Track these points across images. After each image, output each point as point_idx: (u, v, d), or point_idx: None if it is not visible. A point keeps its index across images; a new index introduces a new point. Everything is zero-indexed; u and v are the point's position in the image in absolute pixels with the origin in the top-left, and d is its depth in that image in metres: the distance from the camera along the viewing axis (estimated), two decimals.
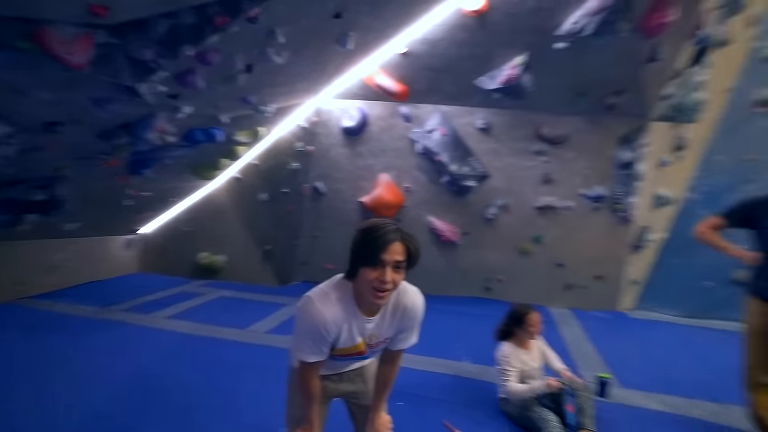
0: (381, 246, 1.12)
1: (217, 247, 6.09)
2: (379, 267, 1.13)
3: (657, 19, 3.00)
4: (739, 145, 4.36)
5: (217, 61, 2.69)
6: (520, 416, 2.37)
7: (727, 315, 4.29)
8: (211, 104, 3.61)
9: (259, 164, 5.69)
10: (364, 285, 1.17)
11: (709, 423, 2.54)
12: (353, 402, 1.59)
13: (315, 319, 1.21)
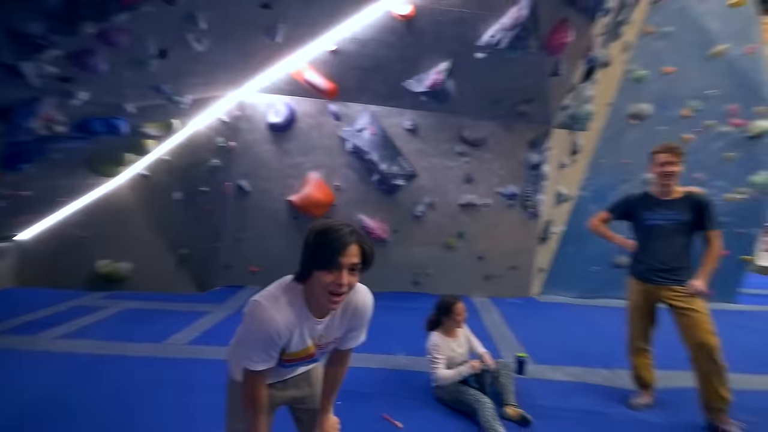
0: (338, 249, 1.09)
1: (121, 253, 5.39)
2: (336, 270, 1.10)
3: (558, 39, 3.43)
4: (618, 151, 5.19)
5: (125, 42, 2.37)
6: (455, 401, 2.53)
7: (612, 294, 5.09)
8: (114, 91, 3.18)
9: (172, 160, 5.16)
10: (319, 289, 1.13)
11: (603, 386, 2.98)
12: (299, 407, 1.54)
13: (266, 324, 1.15)
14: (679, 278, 2.53)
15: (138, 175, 5.28)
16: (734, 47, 4.89)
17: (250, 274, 5.44)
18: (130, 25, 2.24)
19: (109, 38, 2.25)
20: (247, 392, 1.25)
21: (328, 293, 1.12)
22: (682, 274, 2.54)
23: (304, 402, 1.51)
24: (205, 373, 3.07)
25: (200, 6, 2.39)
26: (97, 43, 2.29)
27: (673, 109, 5.04)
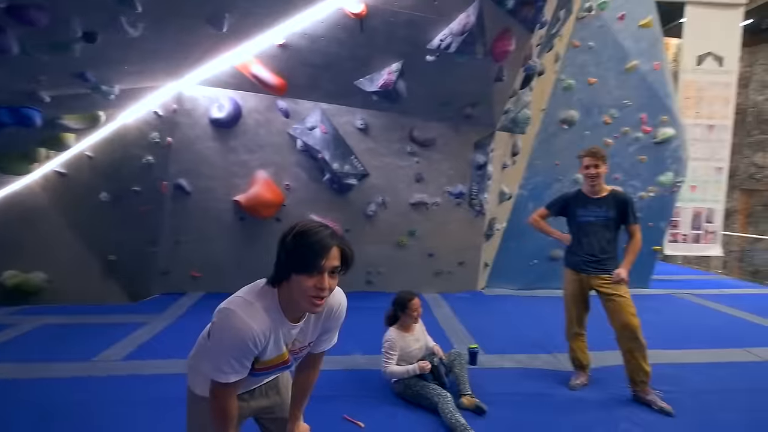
0: (320, 252, 1.05)
1: (32, 262, 4.75)
2: (317, 274, 1.06)
3: (502, 47, 3.65)
4: (551, 153, 5.66)
5: (43, 21, 2.08)
6: (415, 396, 2.59)
7: (549, 285, 5.54)
8: (27, 76, 2.78)
9: (96, 157, 4.64)
10: (299, 293, 1.09)
11: (546, 370, 3.23)
12: (267, 417, 1.48)
13: (242, 332, 1.08)
14: (606, 268, 2.84)
15: (53, 173, 4.68)
16: (644, 63, 5.56)
17: (191, 280, 5.08)
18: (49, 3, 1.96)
19: (23, 15, 1.96)
20: (218, 405, 1.17)
21: (310, 297, 1.08)
22: (610, 264, 2.85)
23: (273, 411, 1.46)
24: (147, 389, 2.83)
25: None
26: (8, 20, 1.98)
27: (596, 116, 5.60)
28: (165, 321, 4.26)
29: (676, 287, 5.93)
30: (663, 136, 5.52)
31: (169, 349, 3.53)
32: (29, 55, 2.37)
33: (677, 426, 2.44)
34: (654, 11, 5.63)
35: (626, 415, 2.56)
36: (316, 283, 1.06)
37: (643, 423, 2.47)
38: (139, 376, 3.05)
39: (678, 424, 2.46)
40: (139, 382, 2.95)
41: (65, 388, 2.85)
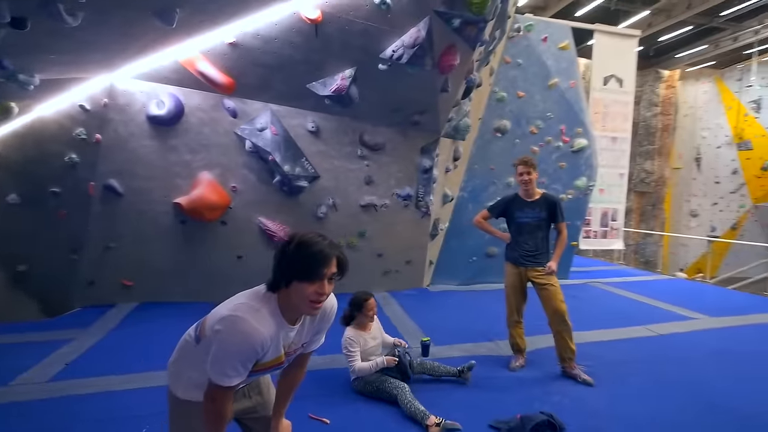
0: (322, 261, 1.15)
1: None
2: (318, 281, 1.15)
3: (448, 61, 3.94)
4: (487, 158, 6.17)
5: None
6: (376, 390, 2.73)
7: (487, 279, 6.04)
8: None
9: (1, 153, 4.06)
10: (300, 298, 1.17)
11: (489, 356, 3.57)
12: (250, 417, 1.50)
13: (251, 338, 1.13)
14: (540, 261, 3.26)
15: None
16: (563, 81, 6.32)
17: (122, 290, 4.66)
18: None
19: None
20: (215, 408, 1.20)
21: (310, 302, 1.16)
22: (543, 259, 3.27)
23: (255, 411, 1.49)
24: (82, 411, 2.61)
25: None
26: None
27: (524, 126, 6.23)
28: (94, 336, 3.87)
29: (590, 277, 6.83)
30: (578, 146, 6.33)
31: (105, 366, 3.24)
32: None
33: (597, 393, 2.89)
34: (570, 37, 6.42)
35: (558, 389, 2.95)
36: (317, 289, 1.15)
37: (571, 394, 2.87)
38: (69, 397, 2.78)
39: (598, 391, 2.91)
40: (70, 404, 2.69)
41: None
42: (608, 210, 7.49)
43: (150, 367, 3.16)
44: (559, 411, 2.51)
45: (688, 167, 15.25)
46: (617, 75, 7.45)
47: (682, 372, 3.23)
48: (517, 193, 3.38)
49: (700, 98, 15.14)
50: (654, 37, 13.10)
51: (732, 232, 13.89)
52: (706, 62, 15.24)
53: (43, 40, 2.54)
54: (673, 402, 2.76)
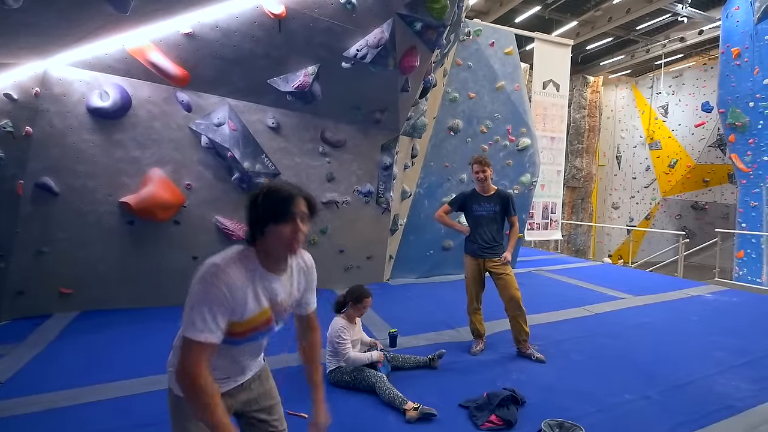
0: (290, 200, 1.20)
1: None
2: (291, 221, 1.19)
3: (409, 62, 4.09)
4: (442, 156, 6.45)
5: None
6: (353, 380, 2.81)
7: (444, 272, 6.34)
8: None
9: None
10: (277, 241, 1.19)
11: (452, 343, 3.80)
12: (251, 412, 1.45)
13: (218, 279, 1.11)
14: (497, 252, 3.53)
15: None
16: (508, 84, 6.77)
17: (59, 298, 4.24)
18: None
19: None
20: (188, 370, 1.07)
21: (287, 243, 1.20)
22: (499, 250, 3.55)
23: (258, 402, 1.44)
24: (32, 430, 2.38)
25: None
26: None
27: (475, 126, 6.59)
28: (31, 350, 3.50)
29: (533, 266, 7.45)
30: (523, 145, 6.84)
31: (49, 382, 2.97)
32: None
33: (549, 369, 3.23)
34: (514, 43, 6.89)
35: (515, 367, 3.26)
36: (292, 228, 1.18)
37: (527, 371, 3.18)
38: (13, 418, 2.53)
39: (549, 367, 3.26)
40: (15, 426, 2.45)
41: None
42: (548, 203, 8.20)
43: (99, 379, 2.97)
44: (519, 387, 2.78)
45: (610, 164, 17.09)
46: (554, 80, 8.13)
47: (615, 345, 3.71)
48: (474, 188, 3.62)
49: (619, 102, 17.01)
50: (582, 45, 14.42)
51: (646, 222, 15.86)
52: (624, 70, 17.12)
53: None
54: (610, 370, 3.18)
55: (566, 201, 15.29)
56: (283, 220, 1.17)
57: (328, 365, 2.92)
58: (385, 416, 2.55)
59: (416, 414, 2.46)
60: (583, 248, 15.36)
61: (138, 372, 3.03)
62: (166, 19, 3.15)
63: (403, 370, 3.14)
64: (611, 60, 16.38)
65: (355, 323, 3.02)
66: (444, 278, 6.26)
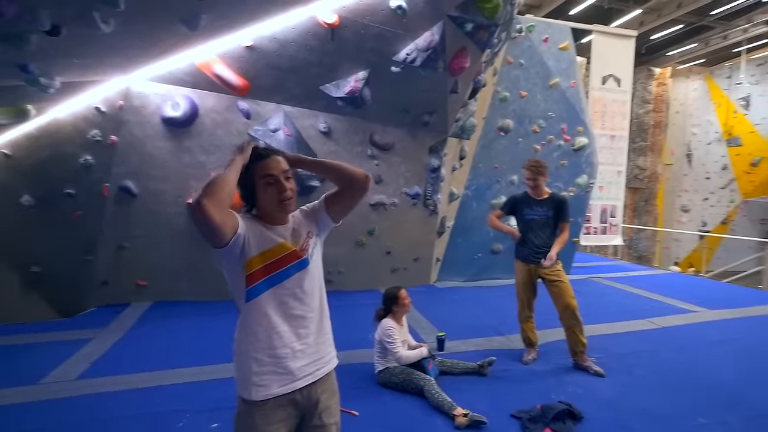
0: (262, 163, 1.25)
1: None
2: (274, 182, 1.24)
3: (459, 63, 4.05)
4: (491, 157, 6.29)
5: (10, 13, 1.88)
6: (402, 383, 2.84)
7: (492, 276, 6.18)
8: None
9: (14, 155, 4.08)
10: (269, 202, 1.26)
11: (501, 350, 3.69)
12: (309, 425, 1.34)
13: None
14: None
15: None
16: (563, 81, 6.45)
17: (136, 289, 4.71)
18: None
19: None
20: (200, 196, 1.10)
21: (278, 202, 1.26)
22: None
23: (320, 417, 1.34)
24: (111, 408, 2.69)
25: None
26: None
27: (527, 125, 6.35)
28: (114, 335, 3.93)
29: (590, 273, 7.02)
30: (579, 144, 6.48)
31: (128, 364, 3.32)
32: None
33: (609, 383, 3.04)
34: (570, 37, 6.55)
35: (571, 380, 3.10)
36: (277, 188, 1.25)
37: (584, 384, 3.02)
38: (99, 394, 2.85)
39: (609, 381, 3.06)
40: (100, 401, 2.77)
41: (13, 416, 2.57)
42: (607, 206, 7.69)
43: (171, 364, 3.25)
44: (575, 401, 2.65)
45: (679, 163, 15.62)
46: (615, 74, 7.62)
47: (685, 362, 3.40)
48: (526, 191, 3.50)
49: (690, 95, 15.49)
50: (646, 35, 13.34)
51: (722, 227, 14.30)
52: (696, 60, 15.58)
53: (69, 45, 2.58)
54: (679, 390, 2.92)
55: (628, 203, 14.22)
56: (265, 182, 1.24)
57: (377, 366, 2.97)
58: (433, 420, 2.55)
59: (466, 421, 2.43)
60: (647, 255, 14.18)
61: (203, 360, 3.28)
62: (230, 33, 3.39)
63: (451, 375, 3.11)
64: (681, 49, 14.98)
65: (402, 325, 3.05)
66: (492, 282, 6.10)
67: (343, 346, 3.63)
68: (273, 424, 1.23)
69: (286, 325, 1.26)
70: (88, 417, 2.56)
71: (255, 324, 1.25)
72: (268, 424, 1.22)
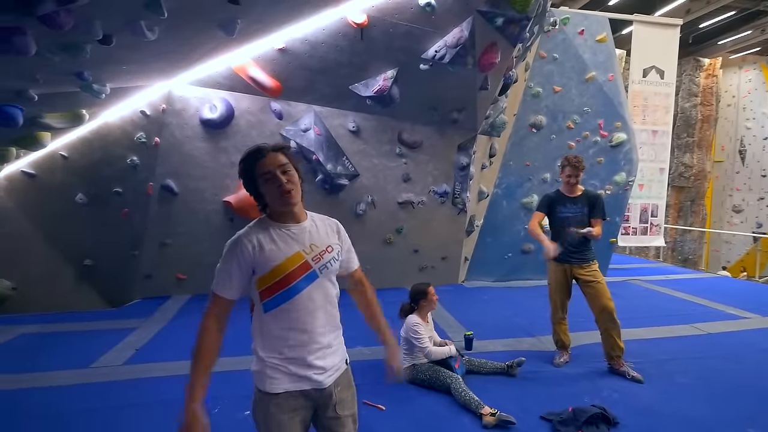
0: (260, 162, 1.26)
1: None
2: (271, 177, 1.25)
3: (489, 59, 3.98)
4: (522, 155, 6.14)
5: (69, 24, 2.05)
6: (429, 380, 2.84)
7: (522, 276, 6.04)
8: (26, 75, 2.65)
9: (70, 157, 4.42)
10: (272, 198, 1.28)
11: (532, 351, 3.60)
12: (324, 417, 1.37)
13: (234, 246, 1.27)
14: (585, 258, 3.25)
15: (20, 174, 4.41)
16: (600, 74, 6.19)
17: (175, 283, 4.97)
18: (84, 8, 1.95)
19: (55, 19, 1.93)
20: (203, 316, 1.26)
21: (279, 196, 1.26)
22: (588, 255, 3.26)
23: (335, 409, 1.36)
24: (153, 393, 2.85)
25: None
26: (36, 23, 1.93)
27: (561, 121, 6.15)
28: (157, 324, 4.17)
29: (628, 275, 6.69)
30: (617, 140, 6.19)
31: (169, 352, 3.51)
32: (40, 55, 2.30)
33: (647, 390, 2.90)
34: (608, 29, 6.27)
35: (606, 384, 2.98)
36: (276, 184, 1.25)
37: (620, 389, 2.89)
38: (143, 379, 3.05)
39: (647, 388, 2.92)
40: (144, 386, 2.95)
41: (68, 396, 2.79)
42: (648, 206, 7.29)
43: None
44: (609, 405, 2.55)
45: (730, 160, 14.54)
46: (658, 66, 7.21)
47: (734, 370, 3.18)
48: (558, 189, 3.39)
49: (743, 87, 14.38)
50: (693, 23, 12.52)
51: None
52: (750, 49, 14.43)
53: (119, 53, 2.77)
54: (727, 399, 2.74)
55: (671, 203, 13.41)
56: (263, 178, 1.25)
57: (403, 362, 2.98)
58: (460, 418, 2.54)
59: (494, 420, 2.40)
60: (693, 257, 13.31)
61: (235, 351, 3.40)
62: (264, 37, 3.51)
63: (479, 374, 3.08)
64: (734, 37, 13.93)
65: (428, 322, 3.04)
66: (523, 283, 5.95)
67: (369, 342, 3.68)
68: (287, 412, 1.28)
69: (298, 331, 1.29)
70: (133, 400, 2.74)
71: (268, 330, 1.31)
72: (282, 412, 1.27)
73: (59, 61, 2.47)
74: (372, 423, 2.45)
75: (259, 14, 2.98)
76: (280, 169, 1.25)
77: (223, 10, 2.65)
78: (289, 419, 1.27)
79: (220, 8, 2.59)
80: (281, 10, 3.06)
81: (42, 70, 2.63)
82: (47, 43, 2.26)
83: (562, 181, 3.29)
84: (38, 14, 1.77)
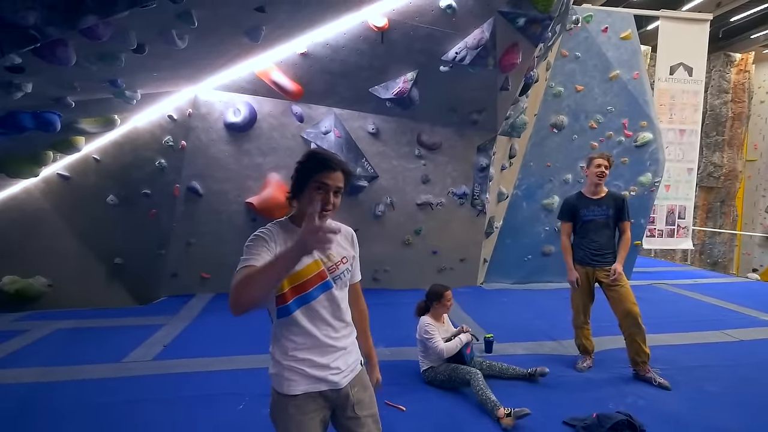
0: (329, 163, 1.26)
1: (31, 267, 4.68)
2: (323, 190, 1.24)
3: (510, 59, 3.95)
4: (543, 155, 6.05)
5: (107, 35, 2.15)
6: (448, 378, 2.84)
7: (543, 278, 5.95)
8: (65, 83, 2.80)
9: (103, 159, 4.61)
10: (308, 205, 1.19)
11: (553, 355, 3.56)
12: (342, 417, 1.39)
13: (257, 237, 1.27)
14: (609, 261, 3.18)
15: (55, 176, 4.62)
16: (625, 72, 6.03)
17: (200, 282, 5.12)
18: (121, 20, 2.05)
19: (94, 31, 2.03)
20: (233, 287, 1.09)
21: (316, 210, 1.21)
22: (611, 258, 3.19)
23: (353, 409, 1.38)
24: (180, 388, 2.95)
25: (196, 4, 2.27)
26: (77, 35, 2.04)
27: (583, 121, 6.03)
28: (183, 322, 4.31)
29: (654, 278, 6.50)
30: (642, 140, 6.03)
31: (194, 348, 3.63)
32: (79, 65, 2.43)
33: (674, 397, 2.82)
34: (633, 26, 6.11)
35: (632, 390, 2.91)
36: (323, 198, 1.23)
37: (646, 396, 2.83)
38: (170, 375, 3.15)
39: (675, 395, 2.84)
40: (171, 381, 3.05)
41: (99, 389, 2.92)
42: (675, 207, 7.06)
43: (230, 352, 3.50)
44: (636, 412, 2.49)
45: (763, 159, 13.91)
46: (685, 63, 6.97)
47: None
48: (580, 191, 3.32)
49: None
50: (724, 17, 12.03)
51: None
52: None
53: (151, 61, 2.89)
54: (759, 410, 2.64)
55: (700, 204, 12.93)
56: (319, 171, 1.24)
57: (421, 365, 3.00)
58: (480, 420, 2.53)
59: (511, 421, 2.38)
60: (723, 261, 12.79)
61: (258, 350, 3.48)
62: (287, 42, 3.59)
63: (501, 379, 3.05)
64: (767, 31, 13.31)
65: (443, 322, 3.04)
66: (543, 286, 5.87)
67: (388, 342, 3.72)
68: (307, 414, 1.29)
69: (314, 337, 1.32)
70: (162, 395, 2.84)
71: (284, 334, 1.32)
72: (301, 413, 1.29)
73: (96, 70, 2.60)
74: (393, 424, 2.47)
75: (283, 20, 3.04)
76: (334, 189, 1.26)
77: (250, 18, 2.73)
78: (309, 419, 1.30)
79: (247, 16, 2.67)
80: (304, 15, 3.12)
81: (79, 78, 2.77)
82: (86, 54, 2.38)
83: (588, 177, 3.22)
84: (81, 27, 1.86)
